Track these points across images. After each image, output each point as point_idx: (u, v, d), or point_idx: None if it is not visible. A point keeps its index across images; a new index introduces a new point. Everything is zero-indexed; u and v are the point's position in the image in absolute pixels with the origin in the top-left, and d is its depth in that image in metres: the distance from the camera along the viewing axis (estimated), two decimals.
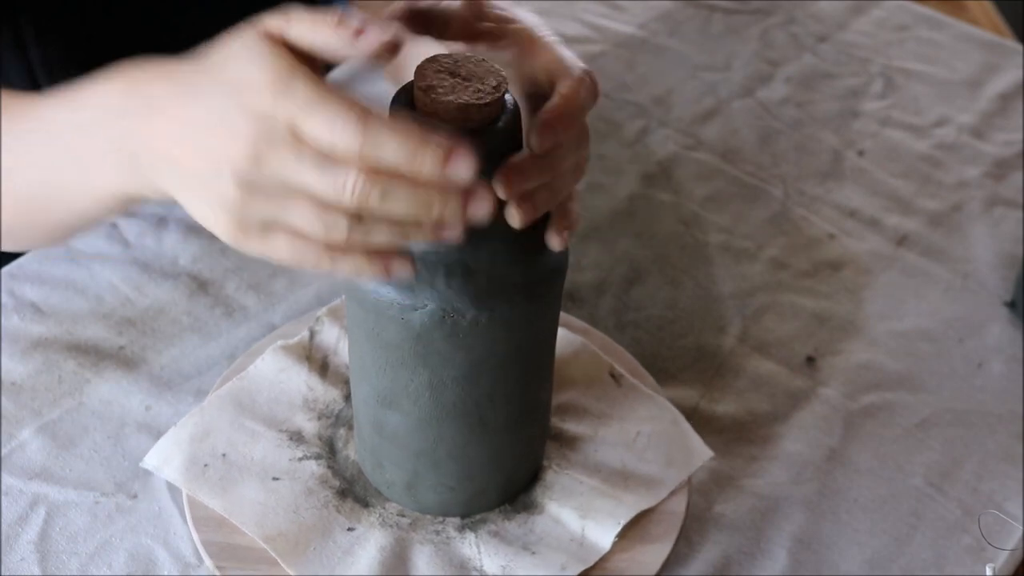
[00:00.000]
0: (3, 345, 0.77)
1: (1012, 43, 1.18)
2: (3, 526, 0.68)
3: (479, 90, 0.53)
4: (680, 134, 1.02)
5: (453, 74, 0.54)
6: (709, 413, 0.78)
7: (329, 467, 0.70)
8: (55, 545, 0.67)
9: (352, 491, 0.69)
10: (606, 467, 0.70)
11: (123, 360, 0.78)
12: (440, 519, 0.68)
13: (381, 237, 0.50)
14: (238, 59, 0.52)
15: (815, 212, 0.95)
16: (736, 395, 0.79)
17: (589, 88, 0.58)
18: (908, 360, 0.83)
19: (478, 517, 0.68)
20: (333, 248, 0.51)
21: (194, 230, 0.86)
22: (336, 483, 0.69)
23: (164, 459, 0.69)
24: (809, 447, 0.76)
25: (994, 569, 0.69)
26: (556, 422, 0.73)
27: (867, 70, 1.11)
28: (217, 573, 0.65)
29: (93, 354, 0.78)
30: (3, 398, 0.74)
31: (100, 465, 0.72)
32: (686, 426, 0.73)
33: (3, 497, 0.69)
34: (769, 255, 0.91)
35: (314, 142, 0.49)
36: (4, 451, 0.72)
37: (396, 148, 0.48)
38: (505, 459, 0.66)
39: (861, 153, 1.02)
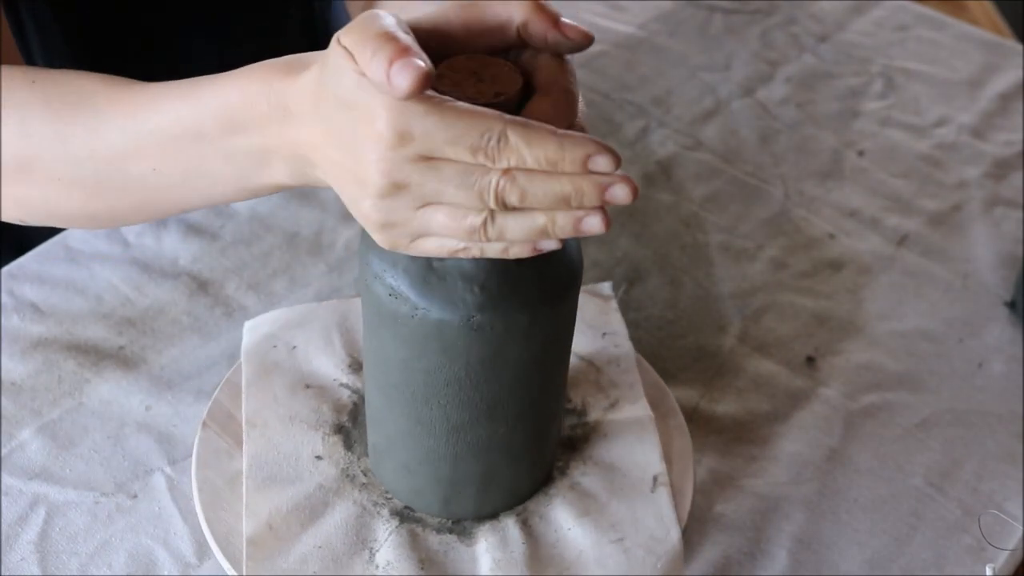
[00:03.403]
0: (3, 345, 0.77)
1: (1012, 43, 1.18)
2: (3, 526, 0.68)
3: (490, 92, 0.53)
4: (680, 134, 1.02)
5: (474, 73, 0.54)
6: (709, 413, 0.78)
7: (355, 404, 0.72)
8: (55, 545, 0.67)
9: (349, 431, 0.71)
10: (560, 546, 0.66)
11: (123, 360, 0.78)
12: (388, 495, 0.68)
13: (517, 231, 0.52)
14: (349, 93, 0.52)
15: (815, 212, 0.95)
16: (736, 395, 0.79)
17: (567, 109, 0.55)
18: (908, 360, 0.83)
19: (417, 515, 0.68)
20: (478, 238, 0.53)
21: (194, 230, 0.87)
22: (343, 419, 0.71)
23: (257, 326, 0.76)
24: (809, 447, 0.76)
25: (994, 569, 0.69)
26: (563, 488, 0.69)
27: (867, 70, 1.11)
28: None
29: (93, 354, 0.78)
30: (3, 398, 0.74)
31: (100, 465, 0.72)
32: (678, 567, 0.66)
33: (3, 497, 0.69)
34: (769, 255, 0.91)
35: (452, 161, 0.51)
36: (4, 451, 0.72)
37: (537, 157, 0.50)
38: (443, 471, 0.65)
39: (861, 153, 1.02)
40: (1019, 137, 1.04)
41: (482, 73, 0.54)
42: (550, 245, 0.53)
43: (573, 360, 0.75)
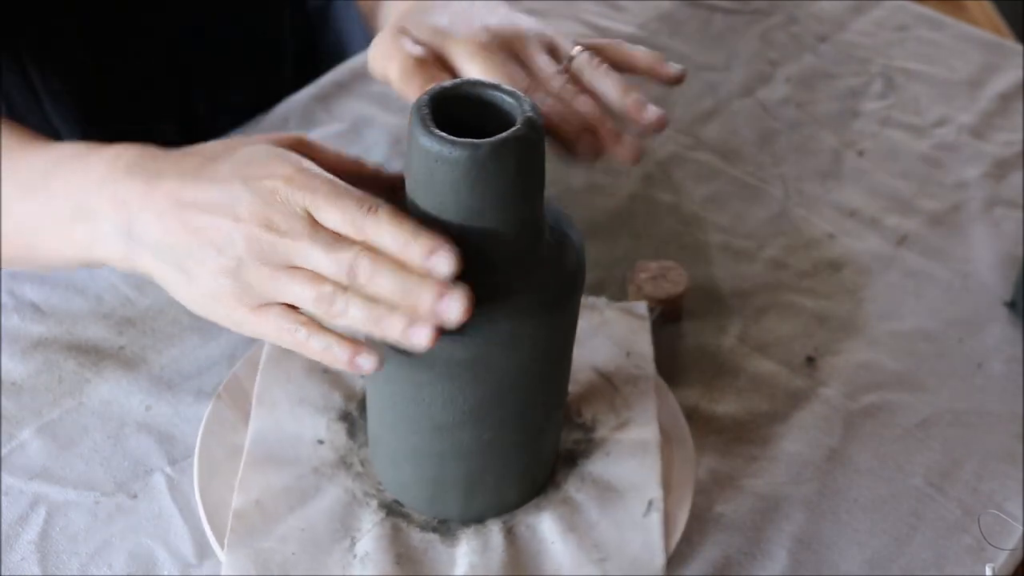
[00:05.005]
0: (3, 345, 0.77)
1: (1012, 43, 1.18)
2: (3, 526, 0.68)
3: None
4: (680, 134, 1.02)
5: None
6: (709, 413, 0.78)
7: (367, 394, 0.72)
8: (55, 545, 0.67)
9: (355, 420, 0.71)
10: (541, 558, 0.66)
11: (123, 360, 0.78)
12: (380, 486, 0.69)
13: (358, 312, 0.55)
14: (257, 154, 0.58)
15: (815, 212, 0.95)
16: (736, 395, 0.79)
17: None
18: (908, 360, 0.83)
19: (405, 510, 0.68)
20: (315, 325, 0.56)
21: None
22: (352, 407, 0.72)
23: None
24: (809, 447, 0.76)
25: (994, 569, 0.69)
26: (554, 501, 0.69)
27: (867, 70, 1.11)
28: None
29: (93, 354, 0.78)
30: (3, 398, 0.74)
31: (100, 465, 0.72)
32: None
33: (3, 497, 0.69)
34: (769, 255, 0.91)
35: (325, 224, 0.55)
36: (4, 451, 0.72)
37: (392, 235, 0.54)
38: (427, 470, 0.65)
39: (861, 153, 1.02)
40: (1019, 137, 1.04)
41: None
42: (366, 363, 0.56)
43: (591, 375, 0.75)
